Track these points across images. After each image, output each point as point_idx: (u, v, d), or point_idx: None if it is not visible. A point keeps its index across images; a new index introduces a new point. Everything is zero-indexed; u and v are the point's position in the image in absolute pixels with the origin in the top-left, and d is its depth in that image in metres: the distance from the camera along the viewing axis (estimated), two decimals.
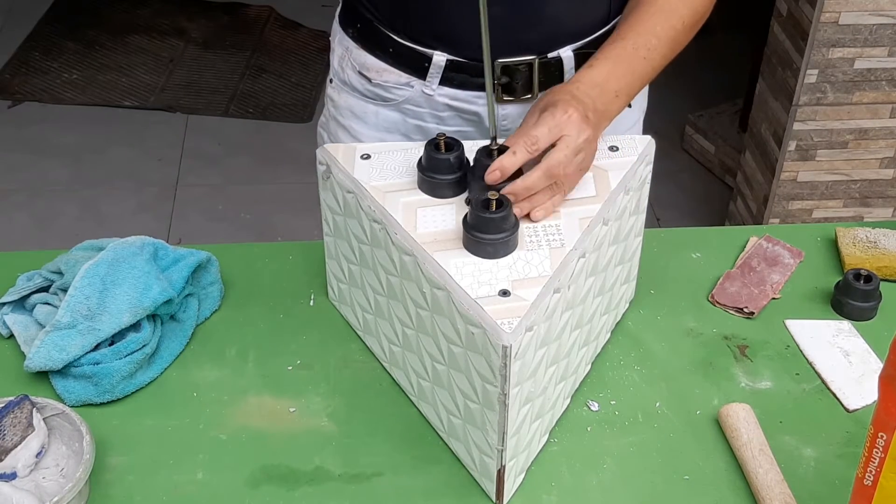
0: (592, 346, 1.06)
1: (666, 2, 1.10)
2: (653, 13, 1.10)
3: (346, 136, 1.29)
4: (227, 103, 3.30)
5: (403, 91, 1.21)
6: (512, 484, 0.94)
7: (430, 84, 1.19)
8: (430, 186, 0.98)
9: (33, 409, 0.93)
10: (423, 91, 1.20)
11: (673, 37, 1.10)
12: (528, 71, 1.16)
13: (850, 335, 1.12)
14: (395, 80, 1.21)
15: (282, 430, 1.00)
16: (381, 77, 1.21)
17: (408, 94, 1.21)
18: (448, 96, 1.20)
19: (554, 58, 1.17)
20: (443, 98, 1.20)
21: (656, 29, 1.09)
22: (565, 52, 1.17)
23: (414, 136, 1.25)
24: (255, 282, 1.17)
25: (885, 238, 1.23)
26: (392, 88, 1.22)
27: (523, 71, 1.16)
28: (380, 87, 1.22)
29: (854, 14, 2.08)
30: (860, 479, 0.80)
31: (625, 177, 1.01)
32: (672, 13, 1.10)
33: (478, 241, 0.90)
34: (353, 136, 1.28)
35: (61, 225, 2.74)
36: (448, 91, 1.19)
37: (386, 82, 1.21)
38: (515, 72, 1.16)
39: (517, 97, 1.18)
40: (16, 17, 3.68)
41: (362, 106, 1.26)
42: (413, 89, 1.21)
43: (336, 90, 1.29)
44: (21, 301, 1.10)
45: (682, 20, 1.11)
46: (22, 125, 3.15)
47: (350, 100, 1.27)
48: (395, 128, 1.25)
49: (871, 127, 2.25)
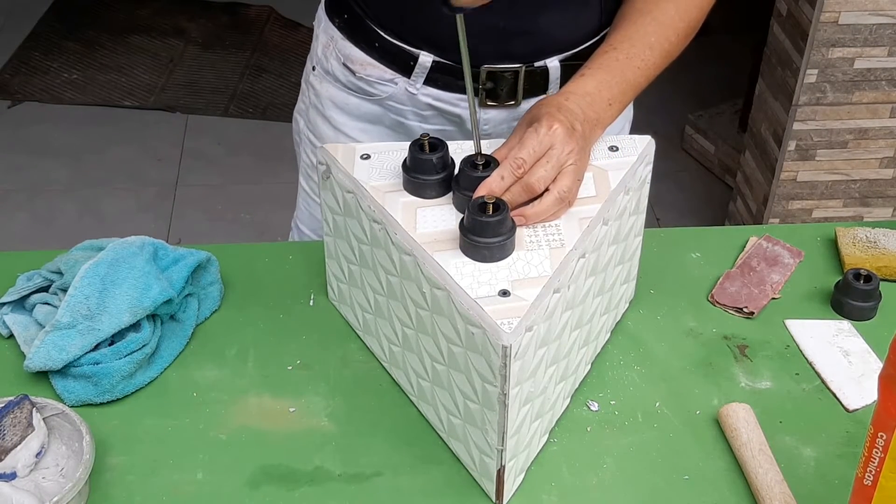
0: (592, 346, 1.06)
1: (662, 13, 1.10)
2: (647, 23, 1.09)
3: (326, 125, 1.28)
4: (227, 103, 3.30)
5: (387, 87, 1.21)
6: (512, 484, 0.94)
7: (414, 83, 1.19)
8: (414, 187, 0.98)
9: (33, 408, 0.93)
10: (407, 89, 1.20)
11: (667, 49, 1.10)
12: (514, 78, 1.16)
13: (850, 335, 1.12)
14: (379, 76, 1.21)
15: (281, 430, 1.00)
16: (365, 71, 1.21)
17: (391, 90, 1.21)
18: (431, 96, 1.20)
19: (540, 67, 1.17)
20: (426, 98, 1.20)
21: (650, 40, 1.08)
22: (552, 61, 1.17)
23: (397, 131, 1.24)
24: (255, 282, 1.17)
25: (885, 238, 1.23)
26: (375, 84, 1.21)
27: (508, 78, 1.16)
28: (363, 80, 1.22)
29: (854, 14, 2.08)
30: (860, 479, 0.80)
31: (625, 177, 1.01)
32: (668, 25, 1.10)
33: (475, 244, 0.90)
34: (333, 127, 1.27)
35: (61, 225, 2.74)
36: (432, 91, 1.19)
37: (369, 76, 1.21)
38: (501, 78, 1.16)
39: (500, 103, 1.18)
40: (16, 17, 3.68)
41: (344, 97, 1.25)
42: (397, 86, 1.20)
43: (318, 79, 1.28)
44: (21, 301, 1.10)
45: (676, 32, 1.10)
46: (22, 125, 3.15)
47: (332, 90, 1.26)
48: (377, 120, 1.25)
49: (870, 127, 2.25)
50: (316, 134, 1.31)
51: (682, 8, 1.10)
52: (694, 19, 1.12)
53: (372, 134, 1.26)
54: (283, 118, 3.23)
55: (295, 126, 1.37)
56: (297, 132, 1.37)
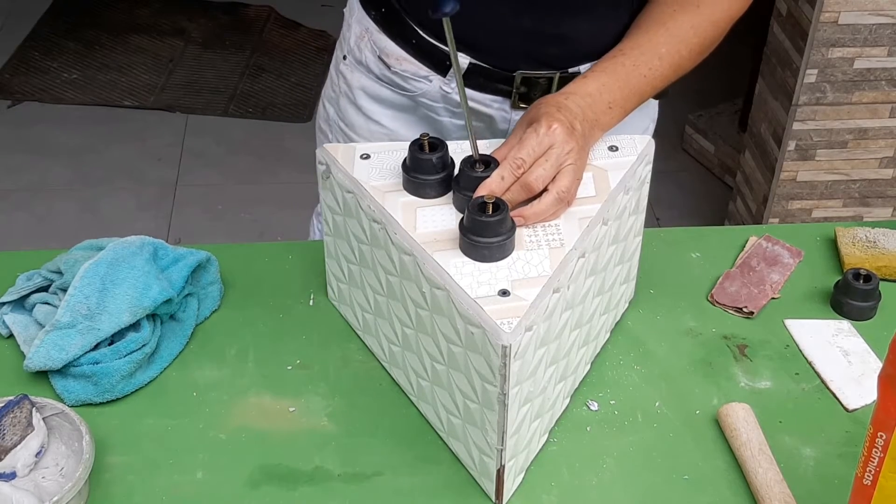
0: (592, 346, 1.06)
1: (677, 26, 1.09)
2: (660, 34, 1.09)
3: (358, 114, 1.28)
4: (227, 103, 3.30)
5: (421, 84, 1.21)
6: (511, 484, 0.94)
7: (449, 82, 1.19)
8: (414, 187, 0.98)
9: (33, 408, 0.93)
10: (442, 87, 1.20)
11: (677, 62, 1.10)
12: (548, 84, 1.17)
13: (850, 335, 1.12)
14: (415, 72, 1.20)
15: (281, 429, 1.00)
16: (401, 65, 1.21)
17: (425, 87, 1.21)
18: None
19: (574, 73, 1.17)
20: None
21: (661, 50, 1.09)
22: (585, 68, 1.16)
23: (428, 123, 1.25)
24: (255, 282, 1.17)
25: (885, 238, 1.23)
26: (410, 80, 1.21)
27: (542, 84, 1.17)
28: (398, 75, 1.22)
29: (854, 14, 2.08)
30: (859, 479, 0.80)
31: (624, 177, 1.01)
32: (680, 39, 1.09)
33: (474, 244, 0.90)
34: (364, 115, 1.27)
35: (61, 225, 2.74)
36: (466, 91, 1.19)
37: (405, 72, 1.21)
38: (535, 84, 1.17)
39: None
40: (16, 17, 3.68)
41: (377, 89, 1.25)
42: (431, 84, 1.20)
43: (349, 68, 1.27)
44: (21, 301, 1.10)
45: (689, 47, 1.10)
46: (22, 125, 3.15)
47: (364, 80, 1.26)
48: (410, 110, 1.25)
49: (870, 127, 2.25)
50: (346, 122, 1.30)
51: (697, 23, 1.10)
52: (709, 37, 1.12)
53: (403, 122, 1.26)
54: (283, 118, 3.23)
55: (323, 113, 1.36)
56: (324, 119, 1.36)
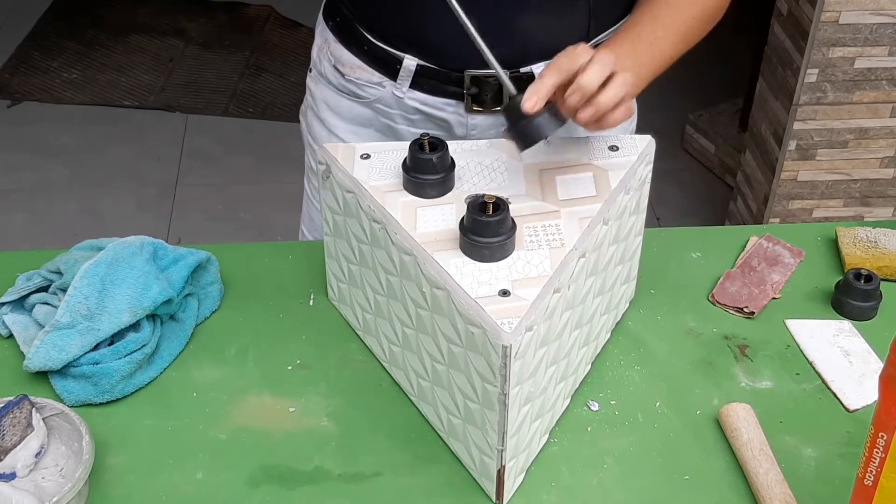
0: (592, 346, 1.06)
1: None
2: (659, 6, 1.09)
3: (321, 127, 1.28)
4: (227, 103, 3.30)
5: (375, 90, 1.21)
6: (512, 484, 0.94)
7: (400, 86, 1.19)
8: (414, 187, 0.97)
9: (32, 408, 0.93)
10: (394, 92, 1.20)
11: (683, 30, 1.09)
12: (498, 84, 1.15)
13: (851, 335, 1.12)
14: (367, 79, 1.21)
15: (281, 429, 1.00)
16: (354, 73, 1.21)
17: (379, 93, 1.21)
18: (418, 100, 1.20)
19: (526, 73, 1.14)
20: (412, 102, 1.20)
21: (663, 20, 1.08)
22: (538, 68, 1.14)
23: (386, 134, 1.25)
24: (255, 282, 1.17)
25: (886, 238, 1.23)
26: (364, 86, 1.22)
27: (492, 84, 1.16)
28: (352, 83, 1.22)
29: (854, 13, 2.07)
30: (860, 479, 0.80)
31: (625, 176, 1.01)
32: (680, 10, 1.09)
33: (475, 244, 0.90)
34: (327, 129, 1.28)
35: (61, 225, 2.74)
36: (418, 95, 1.19)
37: (358, 79, 1.22)
38: (485, 84, 1.16)
39: (486, 109, 1.18)
40: (16, 16, 3.68)
41: (336, 99, 1.26)
42: (384, 90, 1.21)
43: (314, 81, 1.29)
44: (20, 301, 1.10)
45: (691, 16, 1.09)
46: (22, 125, 3.15)
47: (325, 92, 1.27)
48: (368, 123, 1.25)
49: (871, 126, 2.25)
50: (312, 135, 1.32)
51: None
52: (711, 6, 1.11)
53: (362, 136, 1.26)
54: (283, 118, 3.23)
55: (301, 127, 1.38)
56: (302, 133, 1.38)
